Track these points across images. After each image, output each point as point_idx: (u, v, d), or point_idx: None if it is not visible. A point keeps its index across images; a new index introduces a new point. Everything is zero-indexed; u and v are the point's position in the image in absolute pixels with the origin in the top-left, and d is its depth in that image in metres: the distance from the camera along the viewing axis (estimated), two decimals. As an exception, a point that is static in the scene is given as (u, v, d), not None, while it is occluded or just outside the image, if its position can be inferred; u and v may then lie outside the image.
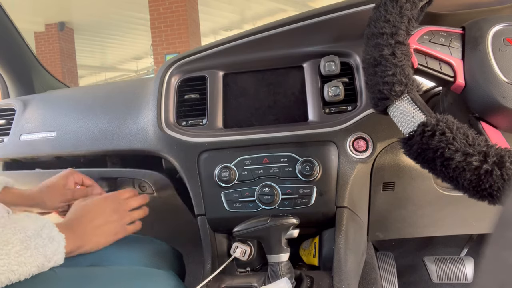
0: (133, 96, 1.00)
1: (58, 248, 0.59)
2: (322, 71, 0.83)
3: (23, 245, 0.54)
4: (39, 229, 0.58)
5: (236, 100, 0.89)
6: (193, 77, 0.91)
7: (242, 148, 0.82)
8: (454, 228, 1.07)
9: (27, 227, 0.57)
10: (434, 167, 0.54)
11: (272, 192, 0.78)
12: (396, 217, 1.01)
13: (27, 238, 0.56)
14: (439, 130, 0.52)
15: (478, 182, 0.51)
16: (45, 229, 0.59)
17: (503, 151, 0.50)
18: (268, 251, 0.67)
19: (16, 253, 0.53)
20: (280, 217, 0.67)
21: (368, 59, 0.60)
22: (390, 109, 0.59)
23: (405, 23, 0.59)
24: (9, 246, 0.53)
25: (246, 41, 0.87)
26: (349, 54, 0.84)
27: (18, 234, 0.55)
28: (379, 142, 0.80)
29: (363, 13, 0.78)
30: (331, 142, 0.79)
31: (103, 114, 1.00)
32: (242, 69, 0.90)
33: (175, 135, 0.86)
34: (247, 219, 0.70)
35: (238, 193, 0.80)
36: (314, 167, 0.77)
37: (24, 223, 0.58)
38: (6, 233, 0.54)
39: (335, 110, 0.82)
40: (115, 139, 0.96)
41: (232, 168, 0.80)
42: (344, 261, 0.71)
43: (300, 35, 0.85)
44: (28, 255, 0.54)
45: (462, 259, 1.29)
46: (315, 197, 0.77)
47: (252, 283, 0.71)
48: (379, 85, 0.58)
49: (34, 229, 0.58)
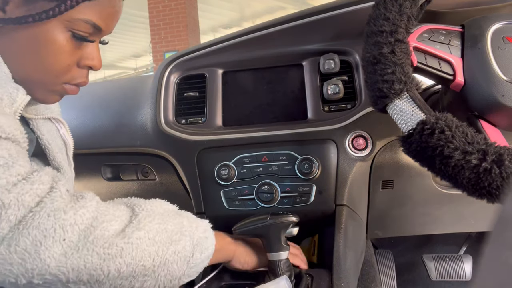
0: (132, 94, 1.00)
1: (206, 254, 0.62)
2: (322, 69, 0.83)
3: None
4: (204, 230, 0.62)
5: (235, 98, 0.89)
6: (193, 75, 0.91)
7: (242, 146, 0.82)
8: (453, 226, 1.07)
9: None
10: (433, 165, 0.54)
11: (271, 190, 0.78)
12: (395, 215, 1.01)
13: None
14: (438, 128, 0.52)
15: (477, 180, 0.51)
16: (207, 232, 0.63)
17: (502, 149, 0.50)
18: (267, 249, 0.67)
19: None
20: (279, 215, 0.67)
21: (367, 57, 0.60)
22: (390, 107, 0.59)
23: (405, 21, 0.59)
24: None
25: (246, 39, 0.87)
26: (349, 52, 0.84)
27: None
28: (378, 140, 0.80)
29: (362, 11, 0.78)
30: (331, 140, 0.79)
31: (102, 112, 1.00)
32: (242, 67, 0.90)
33: (174, 133, 0.86)
34: (246, 217, 0.70)
35: (237, 191, 0.80)
36: (313, 165, 0.77)
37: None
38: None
39: (335, 108, 0.82)
40: (114, 137, 0.96)
41: (232, 166, 0.80)
42: (343, 259, 0.71)
43: (299, 33, 0.85)
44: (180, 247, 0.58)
45: (461, 257, 1.30)
46: (314, 195, 0.77)
47: (252, 281, 0.71)
48: (378, 83, 0.58)
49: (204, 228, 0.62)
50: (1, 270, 0.46)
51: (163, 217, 0.58)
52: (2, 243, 0.45)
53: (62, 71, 0.57)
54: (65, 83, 0.59)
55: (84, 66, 0.60)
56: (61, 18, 0.53)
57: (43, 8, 0.52)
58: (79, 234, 0.49)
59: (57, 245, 0.47)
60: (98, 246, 0.50)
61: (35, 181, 0.48)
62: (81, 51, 0.58)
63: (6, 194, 0.46)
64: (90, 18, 0.55)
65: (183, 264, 0.57)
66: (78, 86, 0.61)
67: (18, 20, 0.51)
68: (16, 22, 0.52)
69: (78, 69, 0.59)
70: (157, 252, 0.54)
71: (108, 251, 0.50)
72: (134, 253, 0.52)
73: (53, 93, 0.60)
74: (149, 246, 0.53)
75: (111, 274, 0.50)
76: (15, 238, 0.46)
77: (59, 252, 0.47)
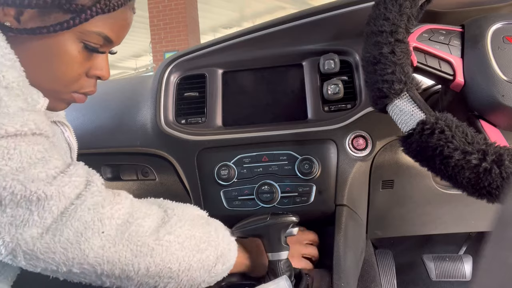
0: (132, 94, 1.00)
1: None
2: (322, 69, 0.83)
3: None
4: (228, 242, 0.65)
5: (235, 98, 0.89)
6: (192, 75, 0.91)
7: (242, 146, 0.82)
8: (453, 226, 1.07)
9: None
10: (433, 165, 0.55)
11: (271, 190, 0.78)
12: (395, 215, 1.01)
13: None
14: (438, 128, 0.52)
15: (477, 180, 0.51)
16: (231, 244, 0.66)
17: (502, 150, 0.50)
18: (267, 249, 0.67)
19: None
20: (279, 215, 0.67)
21: (367, 57, 0.60)
22: (390, 107, 0.59)
23: (405, 21, 0.59)
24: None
25: (246, 39, 0.87)
26: (349, 52, 0.84)
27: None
28: (378, 140, 0.80)
29: (362, 11, 0.78)
30: (330, 140, 0.79)
31: (102, 112, 1.00)
32: (242, 67, 0.90)
33: (174, 133, 0.86)
34: (246, 217, 0.70)
35: (237, 191, 0.80)
36: (313, 165, 0.77)
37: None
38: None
39: (335, 108, 0.82)
40: (114, 137, 0.96)
41: (232, 166, 0.80)
42: (343, 259, 0.71)
43: (299, 33, 0.85)
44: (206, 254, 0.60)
45: (461, 257, 1.30)
46: (314, 195, 0.77)
47: (252, 281, 0.71)
48: (378, 83, 0.58)
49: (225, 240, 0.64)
50: (45, 258, 0.49)
51: (193, 224, 0.60)
52: (47, 233, 0.48)
53: (72, 80, 0.58)
54: (73, 92, 0.60)
55: (93, 76, 0.61)
56: (74, 29, 0.54)
57: (58, 20, 0.53)
58: (117, 229, 0.52)
59: (96, 237, 0.50)
60: (132, 243, 0.52)
61: (73, 174, 0.51)
62: (91, 62, 0.59)
63: (48, 186, 0.48)
64: (103, 30, 0.56)
65: (205, 273, 0.59)
66: (86, 95, 0.63)
67: (33, 31, 0.52)
68: (31, 32, 0.52)
69: (87, 78, 0.61)
70: (184, 257, 0.56)
71: (141, 249, 0.53)
72: (164, 255, 0.54)
73: (61, 101, 0.61)
74: (177, 250, 0.56)
75: (140, 271, 0.53)
76: (59, 229, 0.49)
77: (98, 245, 0.50)
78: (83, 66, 0.58)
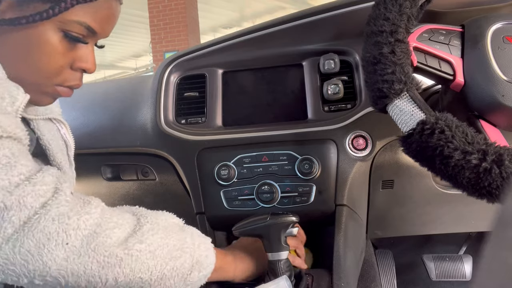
0: (132, 94, 1.00)
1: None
2: (322, 69, 0.83)
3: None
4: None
5: (235, 98, 0.89)
6: (193, 75, 0.91)
7: (242, 146, 0.82)
8: (453, 226, 1.07)
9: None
10: (433, 165, 0.55)
11: (271, 190, 0.78)
12: (395, 215, 1.01)
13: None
14: (438, 128, 0.52)
15: (477, 180, 0.51)
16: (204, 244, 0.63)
17: (502, 149, 0.50)
18: (267, 249, 0.67)
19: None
20: (279, 215, 0.67)
21: (367, 57, 0.60)
22: (390, 107, 0.59)
23: (405, 21, 0.59)
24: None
25: (246, 39, 0.87)
26: (349, 52, 0.84)
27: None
28: (378, 140, 0.80)
29: (362, 11, 0.78)
30: (330, 140, 0.79)
31: (102, 112, 1.00)
32: (242, 67, 0.90)
33: (174, 133, 0.86)
34: (246, 217, 0.70)
35: (237, 191, 0.80)
36: (313, 165, 0.77)
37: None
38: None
39: (335, 108, 0.82)
40: (114, 137, 0.96)
41: (232, 166, 0.80)
42: (343, 259, 0.71)
43: (299, 33, 0.85)
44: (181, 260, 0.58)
45: (461, 257, 1.30)
46: (314, 195, 0.77)
47: (252, 281, 0.71)
48: (378, 83, 0.58)
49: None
50: (4, 270, 0.46)
51: (166, 231, 0.58)
52: (7, 244, 0.46)
53: (54, 72, 0.56)
54: (57, 85, 0.58)
55: (77, 68, 0.59)
56: (54, 19, 0.52)
57: (37, 9, 0.51)
58: (82, 240, 0.49)
59: (59, 249, 0.47)
60: (99, 254, 0.50)
61: (37, 182, 0.48)
62: (74, 53, 0.57)
63: (8, 196, 0.45)
64: (84, 20, 0.54)
65: (179, 281, 0.57)
66: (71, 88, 0.60)
67: (11, 21, 0.51)
68: (9, 23, 0.51)
69: (71, 71, 0.58)
70: (155, 266, 0.54)
71: (108, 259, 0.50)
72: (133, 265, 0.52)
73: (45, 95, 0.59)
74: (148, 259, 0.54)
75: (108, 282, 0.51)
76: (20, 240, 0.46)
77: (61, 256, 0.48)
78: (66, 57, 0.56)
